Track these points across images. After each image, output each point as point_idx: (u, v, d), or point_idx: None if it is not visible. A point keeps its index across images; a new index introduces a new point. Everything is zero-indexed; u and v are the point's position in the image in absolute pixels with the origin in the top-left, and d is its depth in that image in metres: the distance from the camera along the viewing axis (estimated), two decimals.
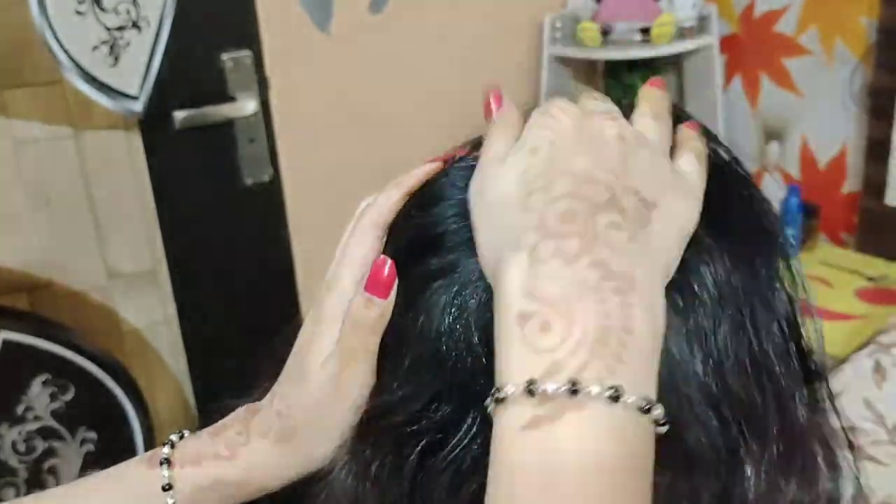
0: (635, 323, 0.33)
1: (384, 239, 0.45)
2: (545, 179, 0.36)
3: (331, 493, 0.44)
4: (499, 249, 0.36)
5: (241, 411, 0.48)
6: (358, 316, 0.42)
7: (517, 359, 0.33)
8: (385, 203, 0.45)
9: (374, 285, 0.42)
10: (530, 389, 0.32)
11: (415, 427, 0.40)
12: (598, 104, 0.41)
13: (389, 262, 0.42)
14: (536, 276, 0.34)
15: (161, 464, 0.47)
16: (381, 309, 0.42)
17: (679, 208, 0.38)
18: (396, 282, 0.42)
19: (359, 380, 0.43)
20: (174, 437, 0.49)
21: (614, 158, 0.37)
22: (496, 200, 0.38)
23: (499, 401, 0.33)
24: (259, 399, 0.49)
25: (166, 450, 0.48)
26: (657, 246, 0.36)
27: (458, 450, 0.39)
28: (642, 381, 0.33)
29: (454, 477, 0.40)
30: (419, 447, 0.40)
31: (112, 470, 0.51)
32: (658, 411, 0.33)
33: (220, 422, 0.48)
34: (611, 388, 0.32)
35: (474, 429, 0.39)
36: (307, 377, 0.44)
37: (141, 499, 0.48)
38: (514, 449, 0.33)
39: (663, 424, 0.33)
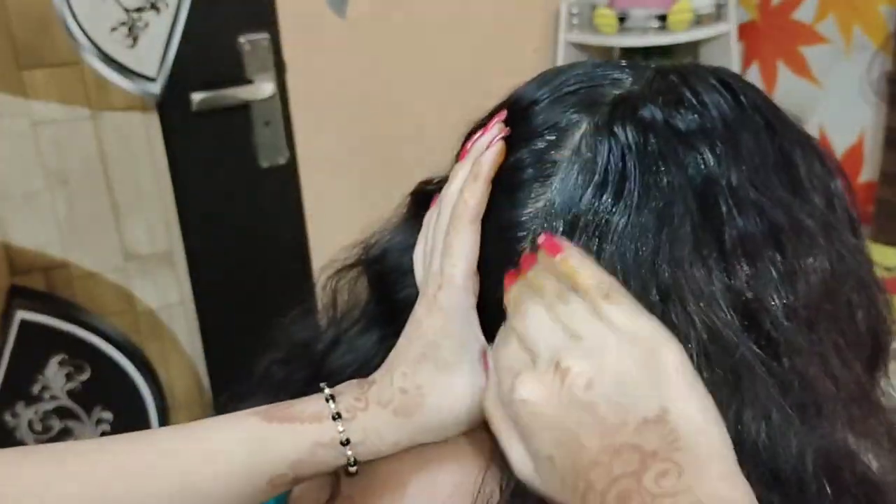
0: None
1: (479, 231, 0.48)
2: (583, 481, 0.39)
3: None
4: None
5: (352, 382, 0.51)
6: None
7: None
8: (475, 197, 0.48)
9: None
10: None
11: None
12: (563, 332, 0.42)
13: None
14: None
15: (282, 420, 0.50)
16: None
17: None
18: None
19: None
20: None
21: (605, 417, 0.39)
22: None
23: None
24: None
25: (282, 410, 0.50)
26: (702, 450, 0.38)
27: None
28: None
29: None
30: None
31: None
32: None
33: (329, 390, 0.51)
34: None
35: None
36: (451, 368, 0.48)
37: (257, 454, 0.49)
38: None
39: None
